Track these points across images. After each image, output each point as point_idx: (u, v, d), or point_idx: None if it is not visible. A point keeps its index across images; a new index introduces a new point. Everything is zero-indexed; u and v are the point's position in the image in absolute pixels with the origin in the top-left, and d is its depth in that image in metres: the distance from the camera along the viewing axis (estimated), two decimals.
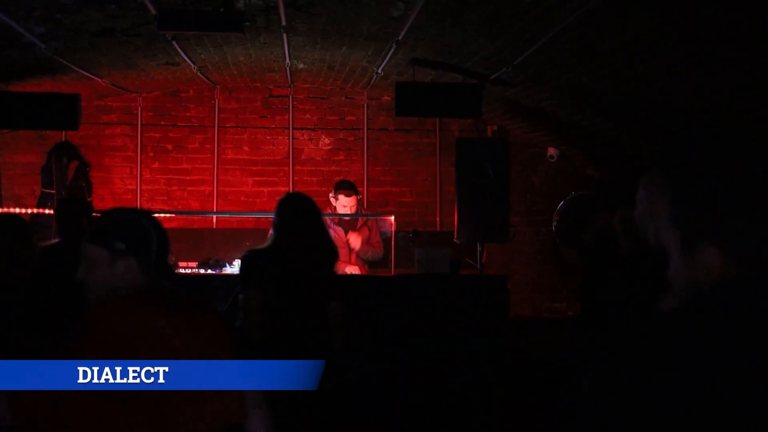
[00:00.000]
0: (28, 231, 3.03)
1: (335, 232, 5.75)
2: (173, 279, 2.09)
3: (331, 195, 5.76)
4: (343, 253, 5.75)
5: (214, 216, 7.38)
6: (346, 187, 5.70)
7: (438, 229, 7.46)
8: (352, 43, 5.24)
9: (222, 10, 3.83)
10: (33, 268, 3.05)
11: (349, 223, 5.81)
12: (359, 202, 5.84)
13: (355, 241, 5.64)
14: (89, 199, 7.16)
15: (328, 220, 5.82)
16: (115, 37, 4.80)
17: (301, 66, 6.26)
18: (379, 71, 5.98)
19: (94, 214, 6.54)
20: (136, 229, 2.02)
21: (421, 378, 5.02)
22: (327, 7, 4.30)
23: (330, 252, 3.54)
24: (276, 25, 4.71)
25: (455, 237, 5.84)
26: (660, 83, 4.59)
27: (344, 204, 5.68)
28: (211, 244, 6.96)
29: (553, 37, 4.10)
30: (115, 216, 2.11)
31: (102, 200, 7.28)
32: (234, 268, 6.08)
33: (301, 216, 3.43)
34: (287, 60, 5.88)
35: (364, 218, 5.82)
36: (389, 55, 5.32)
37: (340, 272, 5.55)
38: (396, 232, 5.98)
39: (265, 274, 3.30)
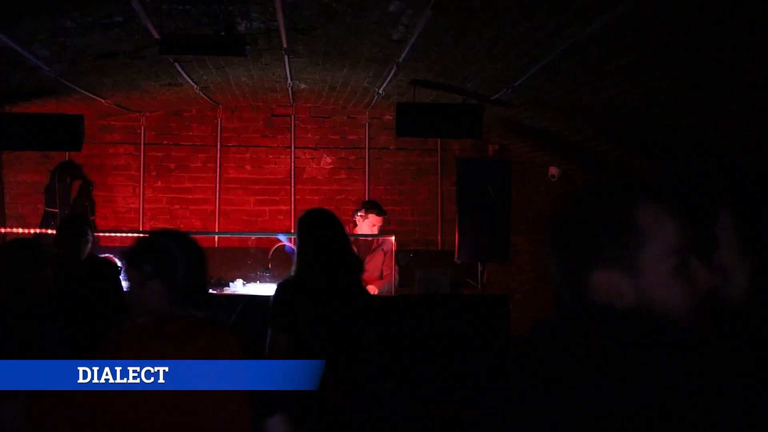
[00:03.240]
0: (42, 254, 2.99)
1: None
2: (197, 304, 2.08)
3: (359, 214, 5.80)
4: None
5: (216, 235, 7.40)
6: (375, 207, 5.77)
7: (439, 248, 7.47)
8: (353, 65, 5.28)
9: (223, 34, 3.87)
10: (49, 291, 2.99)
11: (364, 246, 5.83)
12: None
13: (372, 290, 5.62)
14: (92, 218, 7.20)
15: None
16: (119, 59, 4.85)
17: (302, 86, 6.30)
18: (381, 91, 6.03)
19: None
20: (162, 252, 2.03)
21: (421, 398, 5.00)
22: (328, 30, 4.34)
23: (358, 269, 3.28)
24: (277, 47, 4.75)
25: (456, 257, 5.84)
26: (660, 105, 4.62)
27: (373, 223, 5.71)
28: (212, 263, 6.96)
29: (553, 60, 4.14)
30: (148, 238, 2.14)
31: (105, 219, 7.31)
32: (235, 287, 6.09)
33: (325, 236, 3.17)
34: (289, 80, 5.92)
35: (380, 240, 5.81)
36: (390, 76, 5.35)
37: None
38: (397, 251, 5.99)
39: (298, 314, 3.08)
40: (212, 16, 3.82)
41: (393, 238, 5.71)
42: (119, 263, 5.10)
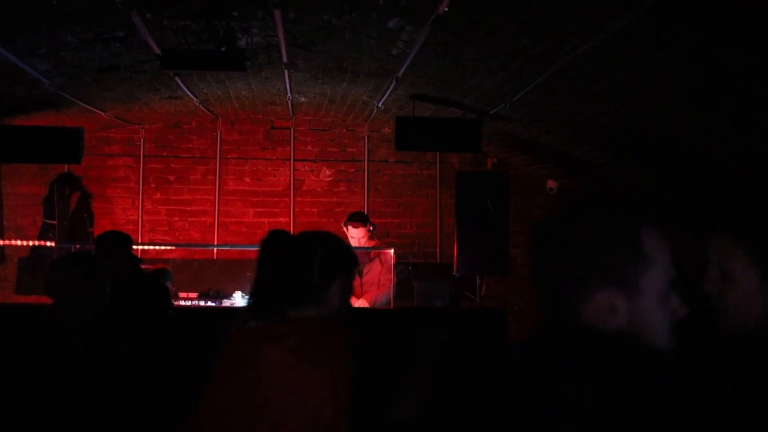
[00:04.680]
0: (98, 268, 2.93)
1: None
2: (307, 303, 2.12)
3: (342, 227, 5.84)
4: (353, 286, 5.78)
5: (215, 248, 7.40)
6: (353, 218, 5.79)
7: (438, 260, 7.47)
8: (352, 79, 5.30)
9: (223, 49, 3.89)
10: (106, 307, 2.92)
11: (362, 256, 5.84)
12: (371, 233, 5.87)
13: (362, 303, 5.63)
14: (90, 230, 7.20)
15: None
16: (119, 73, 4.87)
17: (302, 99, 6.32)
18: (380, 105, 6.05)
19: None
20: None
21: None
22: (327, 45, 4.36)
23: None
24: (277, 61, 4.77)
25: (455, 269, 5.85)
26: (657, 119, 4.64)
27: (353, 235, 5.74)
28: (211, 275, 6.98)
29: (551, 75, 4.16)
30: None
31: (103, 231, 7.30)
32: (235, 299, 6.09)
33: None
34: (289, 94, 5.94)
35: (377, 251, 5.83)
36: (389, 90, 5.38)
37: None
38: (396, 264, 5.99)
39: None
40: (213, 31, 3.84)
41: (392, 251, 5.71)
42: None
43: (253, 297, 2.25)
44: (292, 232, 7.73)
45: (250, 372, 1.93)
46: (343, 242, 2.24)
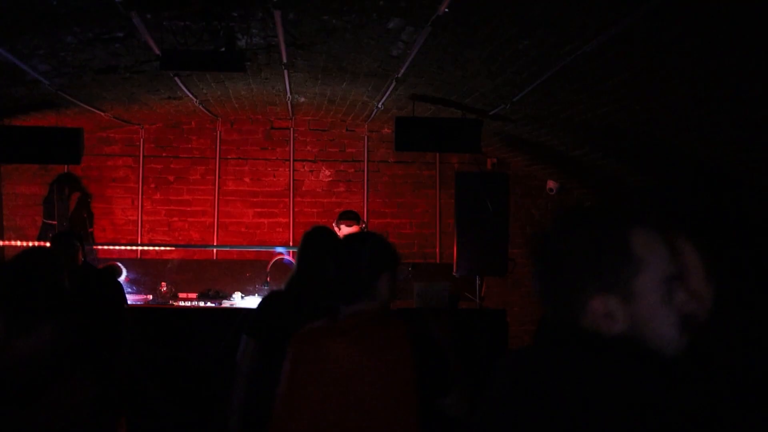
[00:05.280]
0: (56, 262, 2.94)
1: None
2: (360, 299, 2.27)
3: (334, 226, 5.81)
4: None
5: (215, 249, 7.40)
6: (347, 217, 5.75)
7: (437, 260, 7.48)
8: (352, 80, 5.30)
9: (223, 49, 3.89)
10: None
11: None
12: (363, 230, 5.85)
13: None
14: (90, 230, 7.20)
15: None
16: (119, 73, 4.87)
17: (302, 100, 6.32)
18: (380, 105, 6.05)
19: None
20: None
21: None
22: (327, 45, 4.36)
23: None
24: (277, 62, 4.77)
25: (454, 270, 5.85)
26: (657, 121, 4.64)
27: (345, 234, 5.71)
28: (211, 276, 6.98)
29: (551, 77, 4.16)
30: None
31: (103, 231, 7.31)
32: (234, 300, 6.09)
33: (312, 256, 3.22)
34: (288, 94, 5.94)
35: None
36: (389, 91, 5.38)
37: None
38: None
39: (267, 322, 3.06)
40: (213, 32, 3.84)
41: None
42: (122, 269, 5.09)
43: (302, 294, 2.65)
44: (291, 232, 7.77)
45: (319, 368, 2.07)
46: (385, 239, 2.37)
